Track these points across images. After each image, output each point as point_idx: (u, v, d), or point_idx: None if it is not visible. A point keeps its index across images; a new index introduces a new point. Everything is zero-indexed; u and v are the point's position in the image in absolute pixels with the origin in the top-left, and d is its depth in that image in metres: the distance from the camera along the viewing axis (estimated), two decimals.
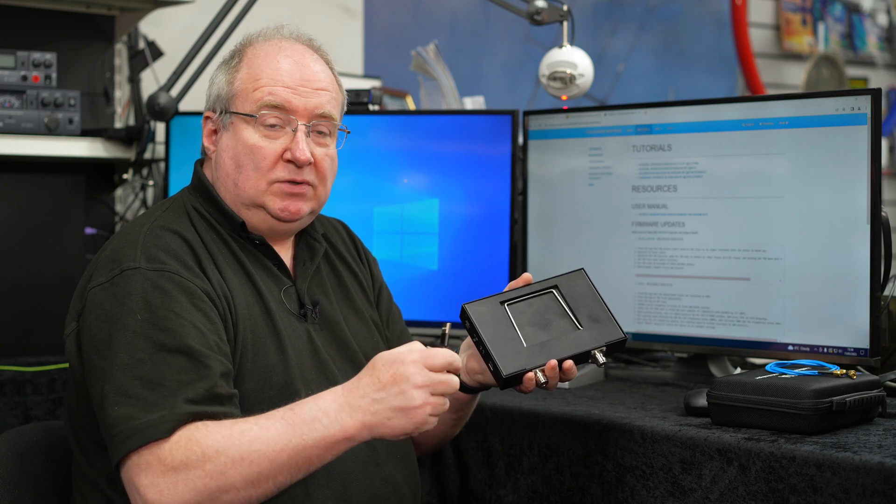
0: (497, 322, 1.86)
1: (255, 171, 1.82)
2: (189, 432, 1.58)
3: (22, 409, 2.47)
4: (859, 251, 2.15)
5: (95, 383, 1.66)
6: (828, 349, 2.20)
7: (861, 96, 2.17)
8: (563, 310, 1.90)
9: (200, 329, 1.67)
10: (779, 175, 2.26)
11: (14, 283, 2.64)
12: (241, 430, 1.59)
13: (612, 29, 5.08)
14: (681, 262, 2.39)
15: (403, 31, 4.29)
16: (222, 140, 1.86)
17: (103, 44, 3.00)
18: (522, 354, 1.83)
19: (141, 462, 1.57)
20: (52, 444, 1.95)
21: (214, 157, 1.87)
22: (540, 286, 1.91)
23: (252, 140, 1.82)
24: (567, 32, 2.56)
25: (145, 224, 1.79)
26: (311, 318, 1.87)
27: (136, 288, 1.68)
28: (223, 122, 1.86)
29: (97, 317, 1.69)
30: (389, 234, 2.68)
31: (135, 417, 1.58)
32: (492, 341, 1.83)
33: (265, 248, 1.87)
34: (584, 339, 1.88)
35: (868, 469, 1.63)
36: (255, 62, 1.85)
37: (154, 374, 1.61)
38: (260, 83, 1.82)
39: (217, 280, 1.76)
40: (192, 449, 1.57)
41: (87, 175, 2.80)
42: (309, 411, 1.61)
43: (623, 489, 1.94)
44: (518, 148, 2.64)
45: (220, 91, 1.86)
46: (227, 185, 1.85)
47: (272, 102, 1.81)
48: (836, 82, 5.53)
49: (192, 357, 1.64)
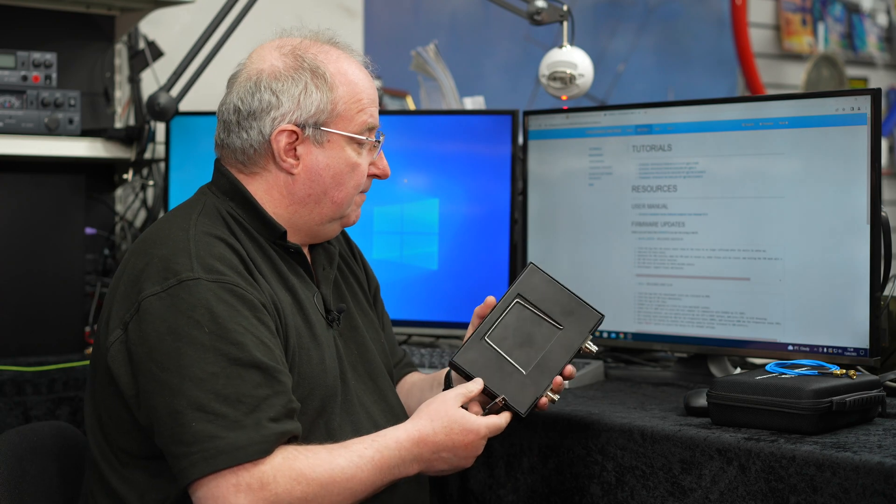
0: (489, 362, 1.87)
1: (355, 187, 1.87)
2: (289, 459, 1.61)
3: (22, 409, 2.47)
4: (859, 251, 2.15)
5: (158, 397, 1.62)
6: (827, 349, 2.20)
7: (861, 96, 2.17)
8: (537, 316, 1.91)
9: (266, 343, 1.66)
10: (779, 175, 2.26)
11: (14, 283, 2.64)
12: (341, 466, 1.66)
13: (612, 29, 5.08)
14: (681, 262, 2.39)
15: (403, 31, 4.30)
16: (314, 156, 1.82)
17: (103, 44, 3.00)
18: (528, 384, 1.86)
19: (239, 483, 1.57)
20: (52, 445, 1.94)
21: (299, 170, 1.82)
22: (504, 302, 1.91)
23: (353, 159, 1.85)
24: (567, 32, 2.56)
25: (188, 229, 1.74)
26: (336, 325, 1.88)
27: (200, 299, 1.64)
28: (316, 138, 1.81)
29: (156, 329, 1.64)
30: (389, 234, 2.68)
31: (218, 436, 1.57)
32: (496, 386, 1.85)
33: (298, 256, 1.86)
34: (571, 338, 1.90)
35: (868, 469, 1.63)
36: (347, 80, 1.83)
37: (230, 390, 1.60)
38: (362, 104, 1.84)
39: (267, 290, 1.74)
40: (297, 479, 1.61)
41: (87, 175, 2.80)
42: (392, 458, 1.72)
43: (623, 489, 1.94)
44: (518, 148, 2.64)
45: (319, 108, 1.80)
46: (310, 200, 1.84)
47: (373, 125, 1.87)
48: (836, 82, 5.53)
49: (265, 372, 1.63)
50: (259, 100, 1.80)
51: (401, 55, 3.40)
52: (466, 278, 2.65)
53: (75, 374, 2.54)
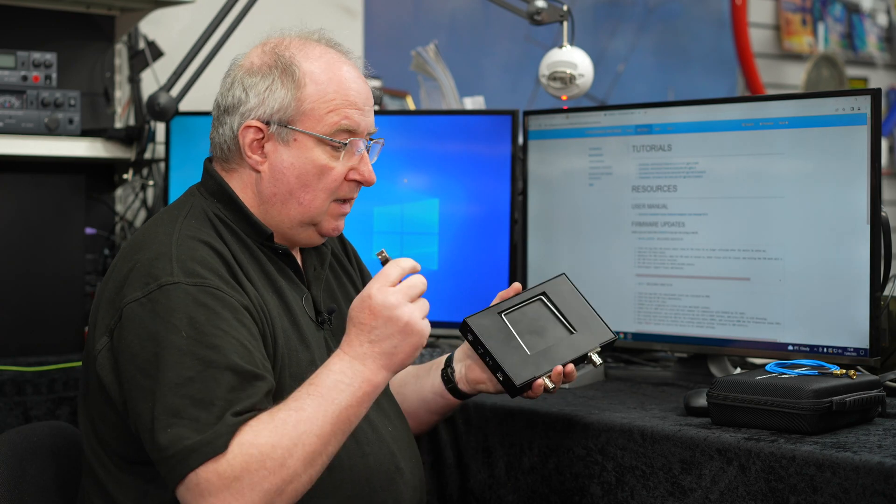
0: (499, 333, 1.90)
1: (324, 191, 1.81)
2: (239, 438, 1.58)
3: (22, 409, 2.47)
4: (859, 251, 2.15)
5: (141, 403, 1.62)
6: (828, 349, 2.20)
7: (861, 96, 2.17)
8: (555, 316, 1.96)
9: (246, 346, 1.65)
10: (779, 175, 2.26)
11: (14, 283, 2.64)
12: (282, 418, 1.60)
13: (612, 29, 5.08)
14: (681, 262, 2.39)
15: (403, 31, 4.30)
16: (279, 154, 1.80)
17: (103, 44, 3.00)
18: (529, 363, 1.88)
19: (200, 482, 1.56)
20: (52, 445, 1.94)
21: (265, 168, 1.81)
22: (529, 294, 1.97)
23: (323, 160, 1.80)
24: (567, 32, 2.56)
25: (172, 233, 1.74)
26: (326, 326, 1.87)
27: (179, 304, 1.64)
28: (281, 136, 1.79)
29: (138, 335, 1.64)
30: (389, 234, 2.68)
31: (187, 437, 1.56)
32: (498, 353, 1.87)
33: (286, 257, 1.85)
34: (580, 343, 1.94)
35: (868, 469, 1.63)
36: (321, 78, 1.80)
37: (204, 393, 1.59)
38: (334, 104, 1.79)
39: (253, 294, 1.73)
40: (248, 452, 1.57)
41: (87, 175, 2.80)
42: (326, 378, 1.65)
43: (623, 489, 1.94)
44: (518, 148, 2.64)
45: (282, 105, 1.79)
46: (276, 200, 1.81)
47: (348, 127, 1.80)
48: (836, 82, 5.53)
49: (240, 375, 1.62)
50: (232, 96, 1.82)
51: (401, 55, 3.40)
52: (466, 278, 2.65)
53: (75, 374, 2.54)
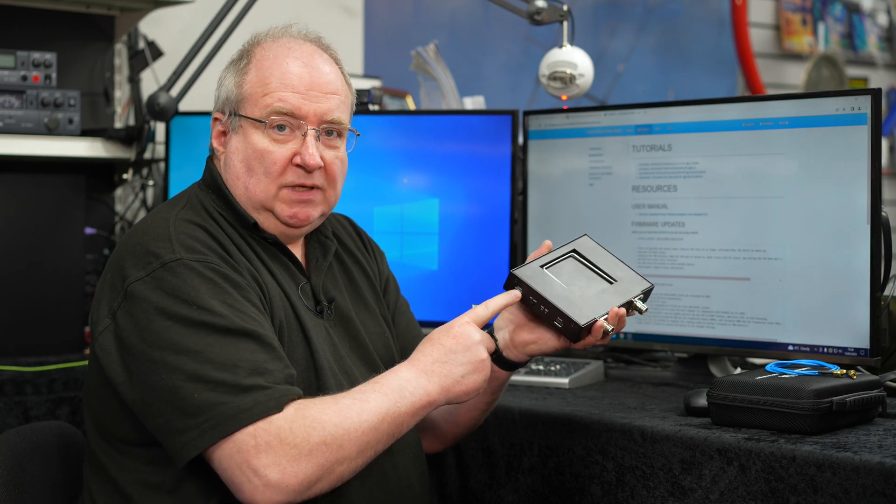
0: (546, 282, 1.85)
1: (266, 175, 1.81)
2: (301, 409, 1.60)
3: (22, 409, 2.48)
4: (859, 251, 2.15)
5: (154, 377, 1.62)
6: (828, 349, 2.20)
7: (861, 96, 2.17)
8: (591, 269, 1.92)
9: (254, 317, 1.67)
10: (779, 175, 2.26)
11: (14, 283, 2.64)
12: (347, 403, 1.62)
13: (612, 29, 5.08)
14: (681, 262, 2.39)
15: (403, 31, 4.30)
16: (231, 142, 1.85)
17: (103, 44, 3.00)
18: (586, 306, 1.83)
19: (258, 443, 1.56)
20: (52, 444, 1.94)
21: (224, 158, 1.86)
22: (559, 252, 1.92)
23: (262, 144, 1.81)
24: (567, 32, 2.56)
25: (169, 218, 1.76)
26: (326, 315, 1.87)
27: (185, 279, 1.66)
28: (232, 125, 1.84)
29: (145, 311, 1.65)
30: (389, 234, 2.68)
31: (223, 402, 1.57)
32: (554, 297, 1.82)
33: (279, 246, 1.87)
34: (624, 290, 1.89)
35: (868, 469, 1.63)
36: (263, 64, 1.83)
37: (225, 357, 1.60)
38: (269, 87, 1.81)
39: (250, 271, 1.76)
40: (313, 425, 1.58)
41: (87, 175, 2.81)
42: (393, 381, 1.68)
43: (623, 489, 1.94)
44: (518, 148, 2.64)
45: (229, 93, 1.85)
46: (238, 187, 1.84)
47: (282, 109, 1.80)
48: (836, 82, 5.53)
49: (257, 339, 1.64)
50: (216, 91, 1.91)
51: (401, 55, 3.40)
52: (466, 278, 2.65)
53: (75, 374, 2.54)
